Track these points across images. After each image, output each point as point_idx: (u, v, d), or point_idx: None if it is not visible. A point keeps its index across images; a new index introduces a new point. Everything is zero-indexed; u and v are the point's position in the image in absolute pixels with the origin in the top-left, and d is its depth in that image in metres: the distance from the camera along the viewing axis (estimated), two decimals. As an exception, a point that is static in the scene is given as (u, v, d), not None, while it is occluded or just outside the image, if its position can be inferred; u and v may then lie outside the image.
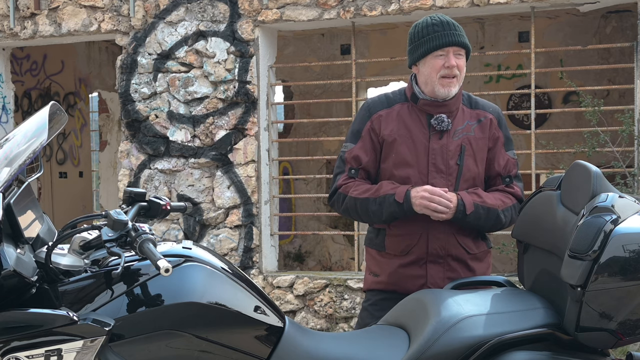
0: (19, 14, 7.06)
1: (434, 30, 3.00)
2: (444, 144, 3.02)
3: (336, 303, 6.25)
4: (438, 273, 3.03)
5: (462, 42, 3.01)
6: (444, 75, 2.99)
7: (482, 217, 2.98)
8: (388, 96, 3.16)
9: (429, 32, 3.01)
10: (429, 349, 2.37)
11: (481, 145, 3.06)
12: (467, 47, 3.04)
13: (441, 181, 3.01)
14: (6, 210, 2.24)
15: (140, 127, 6.76)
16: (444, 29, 3.00)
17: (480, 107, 3.13)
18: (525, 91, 7.16)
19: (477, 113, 3.10)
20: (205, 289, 2.36)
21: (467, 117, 3.08)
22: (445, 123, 3.02)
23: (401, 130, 3.05)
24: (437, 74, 3.00)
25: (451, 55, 2.99)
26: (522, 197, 3.12)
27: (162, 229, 6.72)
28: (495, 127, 3.09)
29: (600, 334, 2.33)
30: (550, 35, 8.52)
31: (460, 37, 3.02)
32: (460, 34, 3.02)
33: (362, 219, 3.11)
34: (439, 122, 3.02)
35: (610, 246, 2.25)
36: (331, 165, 9.78)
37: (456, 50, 3.01)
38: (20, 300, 2.23)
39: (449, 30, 3.00)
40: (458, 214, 2.93)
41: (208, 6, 6.55)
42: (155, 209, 2.64)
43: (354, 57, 6.58)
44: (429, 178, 3.01)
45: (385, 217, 3.00)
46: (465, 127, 3.05)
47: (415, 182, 3.01)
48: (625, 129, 5.75)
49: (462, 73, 3.04)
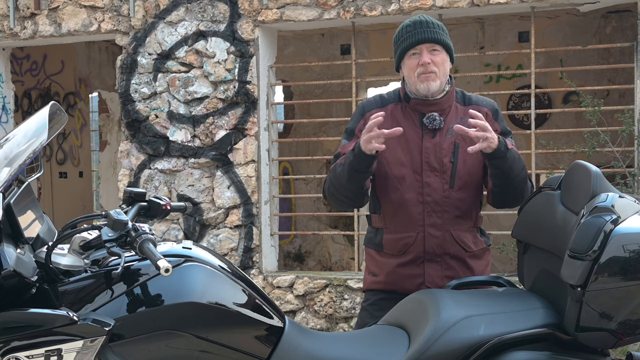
0: (19, 14, 7.06)
1: (407, 31, 3.02)
2: (437, 142, 3.03)
3: (336, 303, 6.25)
4: (436, 272, 3.03)
5: (433, 38, 2.99)
6: (421, 73, 3.00)
7: (517, 160, 2.93)
8: (382, 97, 3.18)
9: (402, 34, 3.04)
10: (429, 349, 2.37)
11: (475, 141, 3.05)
12: (441, 42, 3.01)
13: (435, 179, 3.01)
14: (6, 210, 2.24)
15: (140, 127, 6.76)
16: (415, 28, 3.00)
17: (474, 102, 3.12)
18: (525, 91, 7.17)
19: (472, 109, 3.08)
20: (205, 289, 2.37)
21: (460, 114, 3.07)
22: (437, 121, 3.03)
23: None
24: (415, 72, 3.01)
25: (424, 53, 2.99)
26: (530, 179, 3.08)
27: (162, 229, 6.72)
28: (490, 120, 3.06)
29: (600, 334, 2.33)
30: (550, 35, 8.52)
31: (432, 33, 3.00)
32: (435, 30, 3.00)
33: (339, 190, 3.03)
34: (430, 121, 3.03)
35: (610, 246, 2.25)
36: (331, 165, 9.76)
37: (430, 46, 2.99)
38: (20, 300, 2.23)
39: (421, 28, 3.00)
40: (501, 146, 2.86)
41: (208, 6, 6.55)
42: (155, 209, 2.64)
43: (354, 57, 6.58)
44: (423, 177, 3.01)
45: (348, 173, 2.93)
46: (459, 124, 3.04)
47: (410, 181, 3.02)
48: (625, 129, 5.75)
49: (442, 68, 3.01)
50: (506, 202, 3.08)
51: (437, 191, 3.01)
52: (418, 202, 3.02)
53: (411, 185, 3.02)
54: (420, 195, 3.02)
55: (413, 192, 3.02)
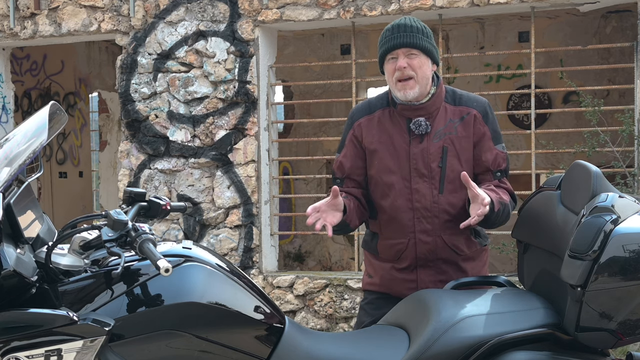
0: (19, 14, 7.06)
1: (386, 36, 3.00)
2: (425, 148, 2.99)
3: (336, 303, 6.25)
4: (429, 277, 3.02)
5: (409, 42, 2.95)
6: (398, 79, 2.97)
7: (500, 214, 2.93)
8: (371, 102, 3.16)
9: (383, 38, 3.02)
10: (429, 349, 2.37)
11: (465, 144, 3.01)
12: (418, 46, 2.95)
13: (424, 185, 2.98)
14: (6, 210, 2.24)
15: (140, 127, 6.76)
16: (393, 33, 2.97)
17: (464, 102, 3.06)
18: (525, 91, 7.17)
19: (460, 110, 3.04)
20: (205, 289, 2.37)
21: (449, 115, 3.03)
22: (423, 127, 3.00)
23: (382, 137, 3.04)
24: (393, 77, 2.99)
25: (401, 57, 2.96)
26: (513, 193, 3.07)
27: (162, 229, 6.72)
28: (480, 122, 3.02)
29: (600, 334, 2.33)
30: (550, 35, 8.52)
31: (409, 37, 2.95)
32: (412, 34, 2.96)
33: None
34: (417, 126, 3.00)
35: (610, 246, 2.25)
36: (331, 165, 9.75)
37: (407, 51, 2.96)
38: (20, 300, 2.23)
39: (398, 32, 2.96)
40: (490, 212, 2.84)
41: (208, 6, 6.55)
42: (155, 209, 2.64)
43: (354, 57, 6.58)
44: (412, 183, 2.99)
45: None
46: (447, 126, 3.01)
47: (399, 188, 3.00)
48: (625, 129, 5.75)
49: (420, 71, 2.97)
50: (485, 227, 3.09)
51: (426, 197, 2.99)
52: (408, 208, 3.00)
53: (400, 192, 3.00)
54: (410, 202, 3.00)
55: (403, 198, 3.01)
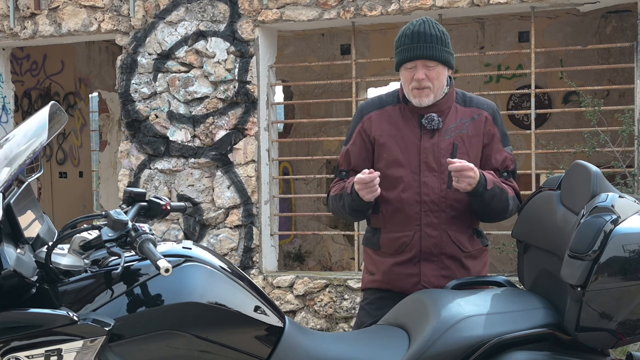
0: (19, 14, 7.06)
1: (404, 42, 3.01)
2: (436, 143, 3.03)
3: (336, 303, 6.26)
4: (432, 271, 3.03)
5: (429, 54, 2.98)
6: (415, 87, 3.01)
7: (497, 196, 2.98)
8: (381, 98, 3.19)
9: (402, 43, 3.03)
10: (429, 349, 2.37)
11: (475, 142, 3.06)
12: (437, 59, 2.99)
13: (433, 179, 3.02)
14: (6, 210, 2.23)
15: (140, 127, 6.76)
16: (412, 42, 2.98)
17: (475, 104, 3.12)
18: (525, 91, 7.16)
19: (471, 111, 3.10)
20: (205, 289, 2.37)
21: (460, 115, 3.08)
22: (435, 122, 3.04)
23: (392, 131, 3.08)
24: (409, 85, 3.02)
25: (419, 68, 2.99)
26: (519, 193, 3.12)
27: (162, 229, 6.72)
28: (490, 124, 3.09)
29: (600, 334, 2.33)
30: (550, 35, 8.53)
31: (429, 49, 2.97)
32: (432, 45, 2.98)
33: (342, 215, 3.17)
34: (429, 121, 3.04)
35: (610, 246, 2.25)
36: (331, 165, 9.78)
37: (425, 62, 2.99)
38: (20, 300, 2.23)
39: (418, 42, 2.98)
40: (479, 187, 2.91)
41: (208, 6, 6.55)
42: (155, 209, 2.64)
43: (354, 57, 6.58)
44: (421, 177, 3.02)
45: (348, 210, 3.07)
46: (457, 125, 3.06)
47: (408, 181, 3.03)
48: (625, 129, 5.75)
49: (437, 82, 3.01)
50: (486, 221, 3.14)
51: (435, 191, 3.02)
52: (415, 201, 3.03)
53: (409, 185, 3.03)
54: (418, 195, 3.03)
55: (410, 191, 3.03)
